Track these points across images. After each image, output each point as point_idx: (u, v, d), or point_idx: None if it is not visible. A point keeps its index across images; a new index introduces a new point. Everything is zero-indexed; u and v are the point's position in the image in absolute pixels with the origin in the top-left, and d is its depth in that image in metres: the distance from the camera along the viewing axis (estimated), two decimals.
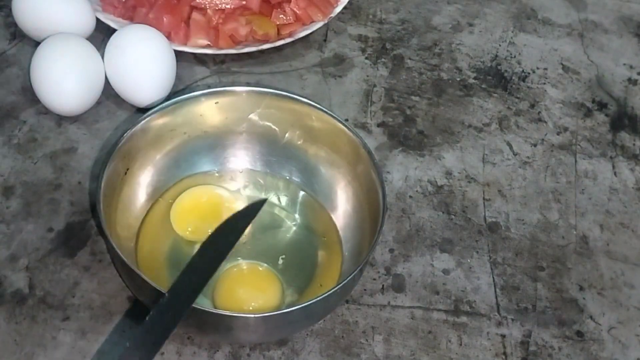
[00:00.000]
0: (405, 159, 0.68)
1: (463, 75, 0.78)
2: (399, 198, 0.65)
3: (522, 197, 0.67)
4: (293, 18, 0.77)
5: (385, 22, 0.83)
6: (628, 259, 0.63)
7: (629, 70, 0.81)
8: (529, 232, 0.64)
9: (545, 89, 0.77)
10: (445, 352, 0.55)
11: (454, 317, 0.57)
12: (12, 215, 0.59)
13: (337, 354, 0.54)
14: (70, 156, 0.64)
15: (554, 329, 0.57)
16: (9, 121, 0.67)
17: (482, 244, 0.62)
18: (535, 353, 0.56)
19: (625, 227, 0.65)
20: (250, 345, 0.53)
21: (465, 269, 0.60)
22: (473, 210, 0.65)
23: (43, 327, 0.53)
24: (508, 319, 0.58)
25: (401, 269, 0.60)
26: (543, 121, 0.74)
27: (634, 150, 0.72)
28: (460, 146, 0.70)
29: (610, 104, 0.77)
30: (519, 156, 0.70)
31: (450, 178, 0.67)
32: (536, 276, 0.61)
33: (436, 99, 0.75)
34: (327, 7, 0.79)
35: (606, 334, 0.57)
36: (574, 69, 0.80)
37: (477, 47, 0.81)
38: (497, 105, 0.75)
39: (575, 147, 0.72)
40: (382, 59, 0.78)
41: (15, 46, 0.74)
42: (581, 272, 0.61)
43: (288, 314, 0.48)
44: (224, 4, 0.75)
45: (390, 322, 0.56)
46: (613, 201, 0.67)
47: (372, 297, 0.57)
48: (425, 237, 0.62)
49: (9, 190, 0.61)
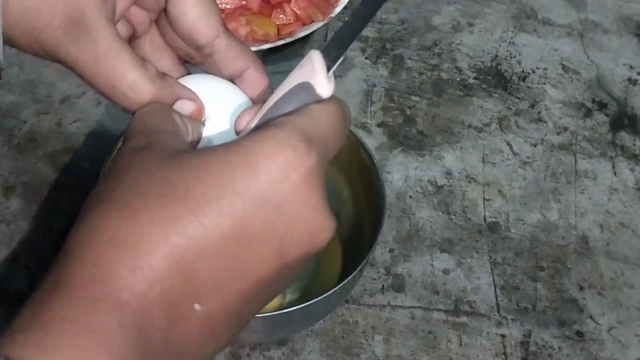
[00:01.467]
0: (405, 159, 0.68)
1: (463, 75, 0.78)
2: (399, 198, 0.65)
3: (522, 197, 0.67)
4: (293, 18, 0.77)
5: (385, 22, 0.83)
6: (628, 259, 0.63)
7: (629, 70, 0.81)
8: (529, 232, 0.64)
9: (545, 89, 0.77)
10: (445, 352, 0.55)
11: (454, 317, 0.57)
12: (12, 215, 0.59)
13: (337, 354, 0.54)
14: (70, 156, 0.64)
15: (554, 329, 0.57)
16: (9, 121, 0.67)
17: (482, 244, 0.62)
18: (535, 353, 0.56)
19: (625, 227, 0.65)
20: (250, 345, 0.53)
21: (465, 269, 0.60)
22: (473, 210, 0.65)
23: None
24: (508, 319, 0.58)
25: (401, 269, 0.60)
26: (543, 121, 0.74)
27: (634, 150, 0.72)
28: (460, 146, 0.70)
29: (610, 104, 0.77)
30: (519, 156, 0.70)
31: (450, 178, 0.67)
32: (536, 276, 0.61)
33: (436, 99, 0.75)
34: (327, 7, 0.79)
35: (606, 334, 0.57)
36: (574, 69, 0.80)
37: (477, 47, 0.81)
38: (497, 105, 0.75)
39: (575, 147, 0.72)
40: (382, 59, 0.78)
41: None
42: (581, 272, 0.61)
43: (288, 314, 0.48)
44: (224, 4, 0.75)
45: (390, 322, 0.56)
46: (613, 201, 0.67)
47: (372, 297, 0.57)
48: (425, 237, 0.62)
49: (9, 190, 0.61)
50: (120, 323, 0.26)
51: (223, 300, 0.28)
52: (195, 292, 0.27)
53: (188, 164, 0.28)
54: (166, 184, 0.27)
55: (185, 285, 0.27)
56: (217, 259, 0.27)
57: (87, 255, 0.27)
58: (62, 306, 0.26)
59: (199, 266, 0.27)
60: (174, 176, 0.28)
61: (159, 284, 0.26)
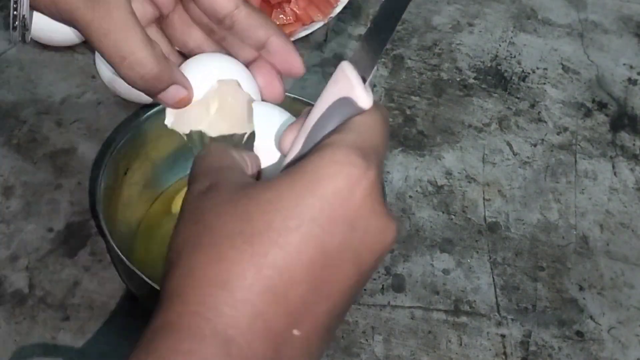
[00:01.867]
0: (405, 159, 0.68)
1: (463, 75, 0.78)
2: (399, 198, 0.65)
3: (522, 197, 0.67)
4: (293, 18, 0.77)
5: None
6: (628, 259, 0.63)
7: (629, 70, 0.81)
8: (529, 232, 0.64)
9: (545, 89, 0.77)
10: (445, 352, 0.55)
11: (454, 317, 0.57)
12: (12, 215, 0.59)
13: (337, 354, 0.54)
14: (70, 156, 0.64)
15: (554, 329, 0.57)
16: (9, 121, 0.67)
17: (482, 244, 0.62)
18: (535, 353, 0.56)
19: (625, 227, 0.65)
20: None
21: (465, 269, 0.60)
22: (473, 210, 0.65)
23: (43, 327, 0.53)
24: (508, 319, 0.58)
25: (401, 269, 0.60)
26: (543, 121, 0.74)
27: (634, 150, 0.72)
28: (460, 146, 0.70)
29: (610, 104, 0.77)
30: (519, 156, 0.70)
31: (450, 178, 0.67)
32: (536, 276, 0.61)
33: (436, 99, 0.75)
34: (327, 7, 0.79)
35: (606, 334, 0.57)
36: (574, 69, 0.80)
37: (477, 47, 0.81)
38: (497, 105, 0.75)
39: (575, 147, 0.72)
40: (382, 59, 0.78)
41: (15, 46, 0.74)
42: (581, 272, 0.61)
43: None
44: None
45: (390, 322, 0.56)
46: (613, 201, 0.67)
47: (372, 297, 0.57)
48: (425, 237, 0.62)
49: (9, 190, 0.61)
50: (228, 357, 0.28)
51: (316, 320, 0.30)
52: (292, 319, 0.29)
53: (260, 198, 0.30)
54: (246, 221, 0.29)
55: (283, 314, 0.29)
56: (305, 284, 0.29)
57: (191, 298, 0.29)
58: (175, 341, 0.28)
59: (291, 294, 0.29)
60: (250, 212, 0.30)
61: (261, 317, 0.28)
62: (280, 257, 0.29)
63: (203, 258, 0.29)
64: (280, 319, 0.29)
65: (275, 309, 0.29)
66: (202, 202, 0.32)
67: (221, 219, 0.30)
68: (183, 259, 0.30)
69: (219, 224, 0.30)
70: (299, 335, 0.29)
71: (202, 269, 0.29)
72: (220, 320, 0.28)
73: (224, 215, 0.30)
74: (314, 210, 0.29)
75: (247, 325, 0.28)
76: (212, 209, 0.31)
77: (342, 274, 0.30)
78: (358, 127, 0.31)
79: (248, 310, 0.28)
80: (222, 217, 0.30)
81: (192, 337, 0.28)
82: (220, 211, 0.30)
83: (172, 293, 0.30)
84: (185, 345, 0.28)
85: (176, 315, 0.29)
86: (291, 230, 0.29)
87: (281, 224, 0.29)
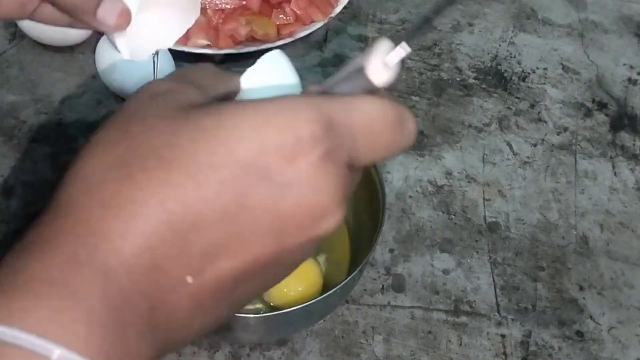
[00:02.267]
0: (405, 159, 0.68)
1: (463, 75, 0.78)
2: (399, 198, 0.65)
3: (522, 197, 0.67)
4: (293, 18, 0.77)
5: (385, 22, 0.83)
6: (628, 259, 0.63)
7: (629, 70, 0.81)
8: (529, 232, 0.64)
9: (545, 89, 0.77)
10: (445, 352, 0.55)
11: (454, 317, 0.57)
12: (12, 215, 0.59)
13: (337, 354, 0.54)
14: (70, 156, 0.64)
15: (554, 329, 0.57)
16: (9, 121, 0.67)
17: (482, 244, 0.62)
18: (535, 353, 0.56)
19: (625, 227, 0.65)
20: (250, 345, 0.53)
21: (465, 269, 0.60)
22: (473, 210, 0.65)
23: None
24: (508, 319, 0.58)
25: (401, 269, 0.60)
26: (543, 121, 0.74)
27: (634, 150, 0.72)
28: (460, 146, 0.70)
29: (610, 104, 0.77)
30: (519, 156, 0.70)
31: (450, 178, 0.67)
32: (536, 276, 0.61)
33: (436, 99, 0.75)
34: (327, 7, 0.79)
35: (606, 334, 0.57)
36: (574, 69, 0.80)
37: (477, 47, 0.81)
38: (497, 105, 0.75)
39: (575, 147, 0.72)
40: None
41: (15, 46, 0.74)
42: (581, 272, 0.61)
43: (288, 314, 0.48)
44: (224, 4, 0.75)
45: (390, 322, 0.56)
46: (613, 201, 0.67)
47: (372, 297, 0.57)
48: (425, 237, 0.62)
49: (9, 190, 0.61)
50: (103, 289, 0.24)
51: (216, 275, 0.26)
52: (188, 263, 0.26)
53: (198, 122, 0.26)
54: (170, 145, 0.26)
55: (178, 255, 0.25)
56: (213, 231, 0.25)
57: (77, 215, 0.25)
58: (42, 267, 0.24)
59: (194, 237, 0.25)
60: (178, 135, 0.26)
61: (150, 252, 0.25)
62: (191, 194, 0.25)
63: (106, 173, 0.26)
64: (174, 260, 0.25)
65: (171, 247, 0.25)
66: (143, 105, 0.28)
67: (147, 133, 0.26)
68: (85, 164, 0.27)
69: (141, 139, 0.26)
70: (192, 284, 0.26)
71: (100, 185, 0.26)
72: (103, 247, 0.24)
73: (152, 130, 0.26)
74: (248, 155, 0.25)
75: (133, 258, 0.25)
76: (145, 119, 0.27)
77: (259, 237, 0.26)
78: (349, 100, 0.28)
79: (138, 241, 0.25)
80: (149, 132, 0.26)
81: (63, 264, 0.24)
82: (151, 124, 0.27)
83: (58, 201, 0.26)
84: (52, 273, 0.24)
85: (53, 233, 0.25)
86: (214, 168, 0.25)
87: (206, 158, 0.25)
